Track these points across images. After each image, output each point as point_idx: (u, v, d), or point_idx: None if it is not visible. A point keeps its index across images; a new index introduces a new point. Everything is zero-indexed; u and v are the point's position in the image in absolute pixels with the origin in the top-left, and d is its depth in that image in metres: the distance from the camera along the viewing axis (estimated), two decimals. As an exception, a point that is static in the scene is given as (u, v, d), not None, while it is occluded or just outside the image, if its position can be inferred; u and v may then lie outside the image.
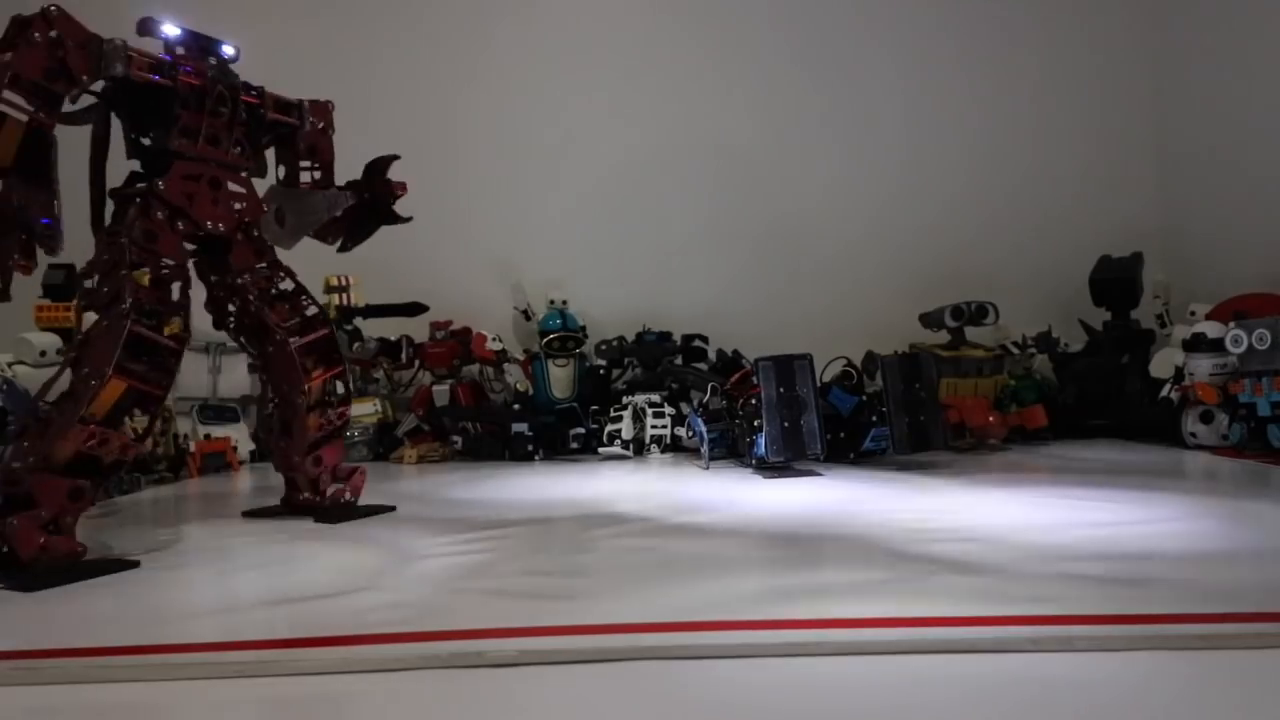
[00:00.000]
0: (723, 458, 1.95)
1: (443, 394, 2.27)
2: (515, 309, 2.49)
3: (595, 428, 2.21)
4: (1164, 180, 2.57)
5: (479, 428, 2.22)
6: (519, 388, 2.22)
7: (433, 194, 1.69)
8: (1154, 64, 2.59)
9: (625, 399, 2.23)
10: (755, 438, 1.73)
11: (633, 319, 2.41)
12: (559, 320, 2.31)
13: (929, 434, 1.74)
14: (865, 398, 1.84)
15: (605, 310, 2.47)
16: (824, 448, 1.67)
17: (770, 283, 2.57)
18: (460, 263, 2.50)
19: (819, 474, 1.68)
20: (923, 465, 1.76)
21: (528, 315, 2.44)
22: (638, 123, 2.61)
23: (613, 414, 2.19)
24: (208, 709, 0.65)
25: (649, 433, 2.16)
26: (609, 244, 2.59)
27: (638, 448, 2.17)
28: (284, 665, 0.71)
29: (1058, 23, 2.61)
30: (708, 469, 1.85)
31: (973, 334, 2.19)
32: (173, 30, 1.23)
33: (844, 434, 1.81)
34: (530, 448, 2.13)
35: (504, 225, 2.57)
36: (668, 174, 2.61)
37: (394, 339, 2.29)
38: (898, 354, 1.84)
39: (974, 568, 0.94)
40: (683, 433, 2.15)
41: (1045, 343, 2.23)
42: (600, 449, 2.16)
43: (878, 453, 1.84)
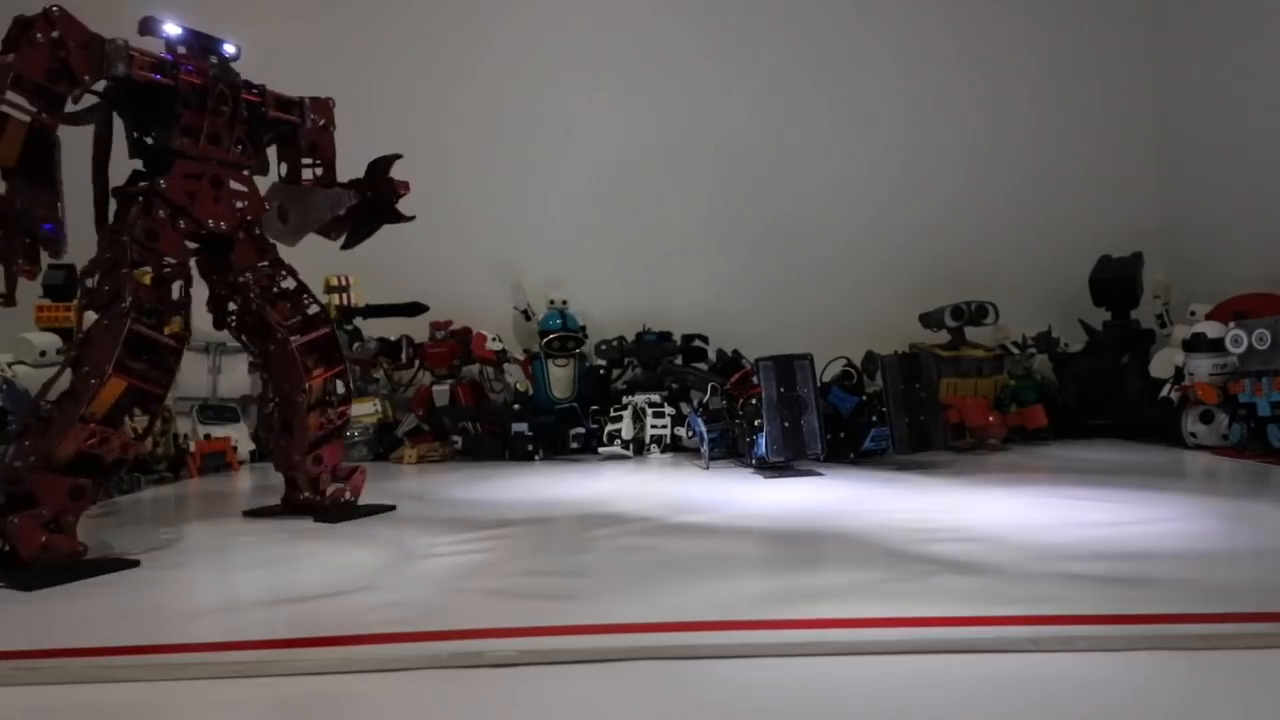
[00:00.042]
0: (723, 458, 1.95)
1: (443, 394, 2.27)
2: (515, 309, 2.49)
3: (595, 428, 2.21)
4: (1164, 180, 2.57)
5: (479, 428, 2.22)
6: (519, 388, 2.22)
7: (432, 194, 1.69)
8: (1154, 64, 2.59)
9: (625, 399, 2.23)
10: (755, 438, 1.73)
11: (633, 319, 2.41)
12: (559, 320, 2.31)
13: (929, 434, 1.74)
14: (865, 398, 1.84)
15: (605, 310, 2.47)
16: (824, 448, 1.67)
17: (770, 283, 2.57)
18: (460, 263, 2.50)
19: (819, 474, 1.68)
20: (923, 465, 1.76)
21: (528, 315, 2.44)
22: (638, 122, 2.61)
23: (613, 414, 2.19)
24: (208, 709, 0.65)
25: (649, 433, 2.16)
26: (609, 244, 2.59)
27: (638, 448, 2.17)
28: (284, 665, 0.71)
29: (1058, 23, 2.61)
30: (708, 469, 1.85)
31: (973, 334, 2.19)
32: (174, 29, 1.23)
33: (844, 434, 1.81)
34: (530, 448, 2.13)
35: (504, 225, 2.57)
36: (668, 174, 2.61)
37: (394, 339, 2.29)
38: (898, 354, 1.84)
39: (974, 568, 0.94)
40: (683, 433, 2.15)
41: (1045, 343, 2.23)
42: (600, 449, 2.16)
43: (878, 453, 1.84)
